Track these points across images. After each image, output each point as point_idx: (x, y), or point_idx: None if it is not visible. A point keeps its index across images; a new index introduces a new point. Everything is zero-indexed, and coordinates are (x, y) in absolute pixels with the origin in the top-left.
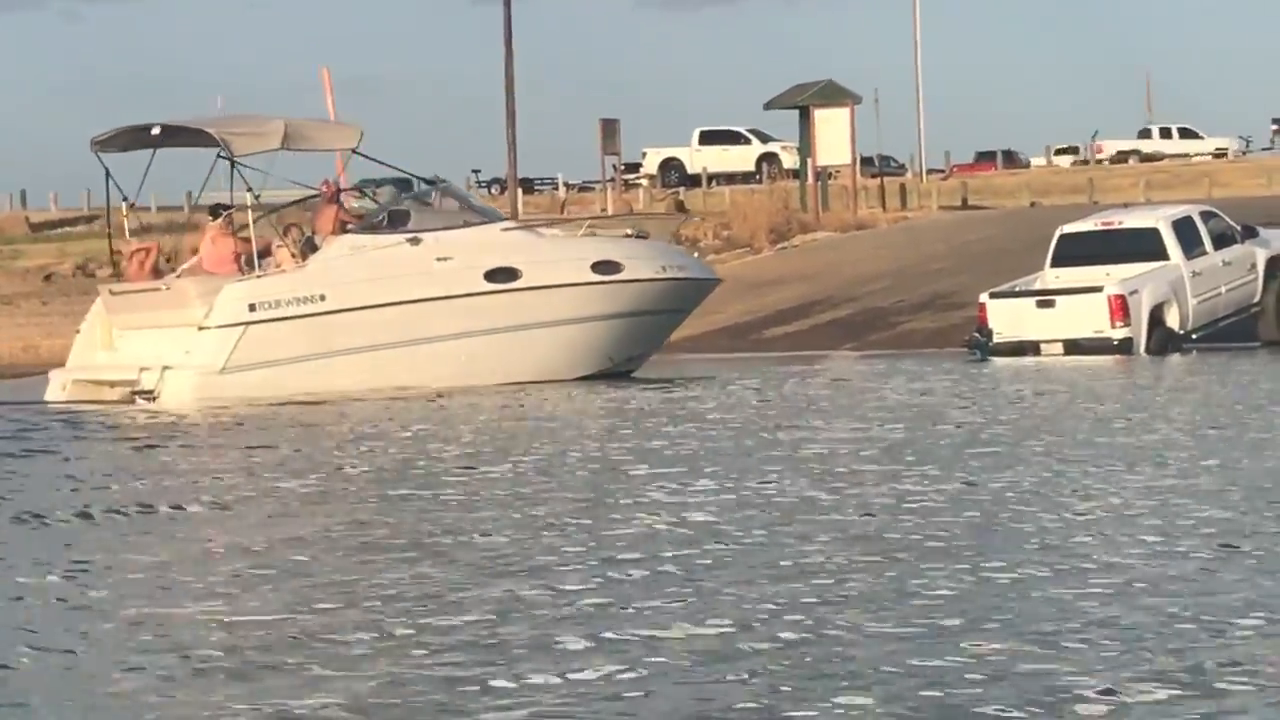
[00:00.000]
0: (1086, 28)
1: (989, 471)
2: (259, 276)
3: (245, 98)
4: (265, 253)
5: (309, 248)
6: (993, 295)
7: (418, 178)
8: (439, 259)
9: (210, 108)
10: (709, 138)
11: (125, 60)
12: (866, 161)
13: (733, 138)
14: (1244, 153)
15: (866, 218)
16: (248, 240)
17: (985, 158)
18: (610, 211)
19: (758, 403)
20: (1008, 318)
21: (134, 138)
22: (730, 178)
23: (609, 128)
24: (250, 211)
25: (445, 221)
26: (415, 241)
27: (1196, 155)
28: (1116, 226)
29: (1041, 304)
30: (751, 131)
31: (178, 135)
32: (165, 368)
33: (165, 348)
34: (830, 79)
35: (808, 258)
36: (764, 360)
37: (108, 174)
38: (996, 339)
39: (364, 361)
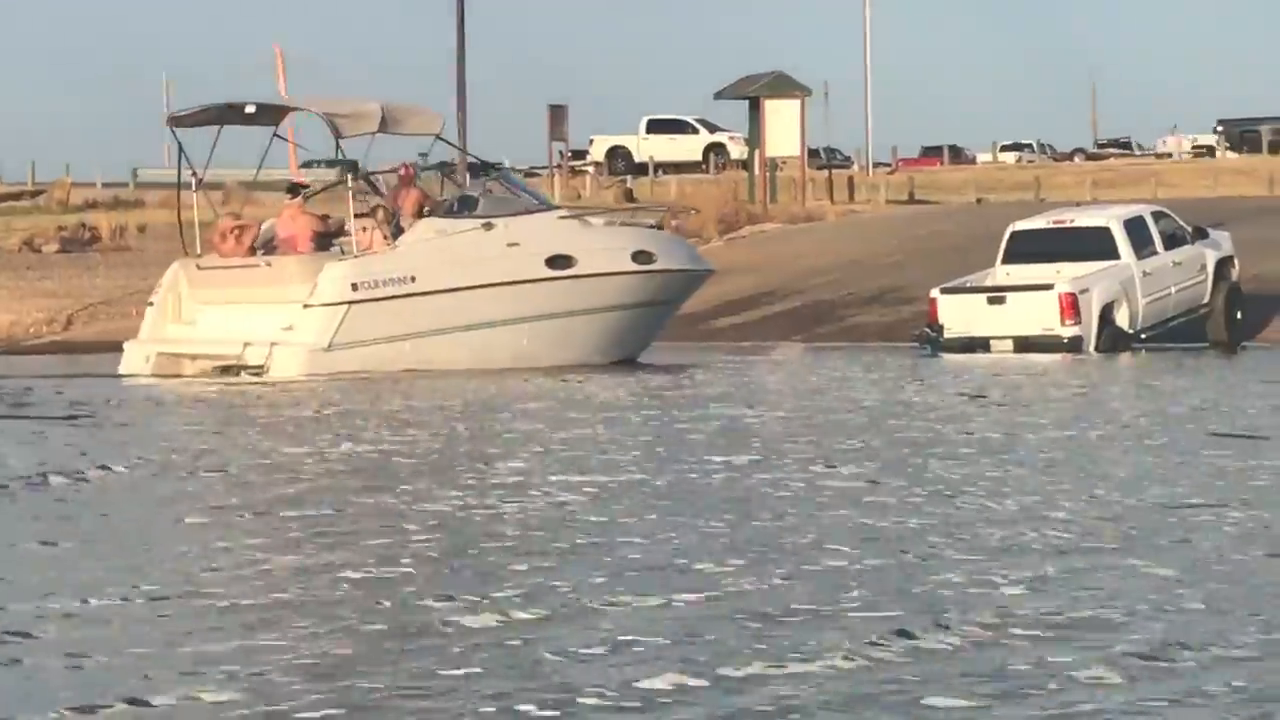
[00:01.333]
0: (1034, 26)
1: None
2: (356, 256)
3: (193, 76)
4: (340, 232)
5: (395, 229)
6: (944, 291)
7: (485, 164)
8: (509, 244)
9: (157, 85)
10: (656, 126)
11: (69, 34)
12: (813, 154)
13: (680, 127)
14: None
15: (815, 210)
16: (323, 218)
17: (931, 153)
18: (555, 199)
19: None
20: (958, 313)
21: (220, 114)
22: (677, 167)
23: (557, 114)
24: (352, 188)
25: (509, 208)
26: (489, 227)
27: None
28: (1068, 225)
29: (992, 300)
30: (699, 121)
31: (269, 114)
32: (273, 344)
33: (261, 324)
34: (780, 71)
35: (756, 249)
36: (728, 349)
37: (181, 149)
38: (947, 335)
39: (444, 343)
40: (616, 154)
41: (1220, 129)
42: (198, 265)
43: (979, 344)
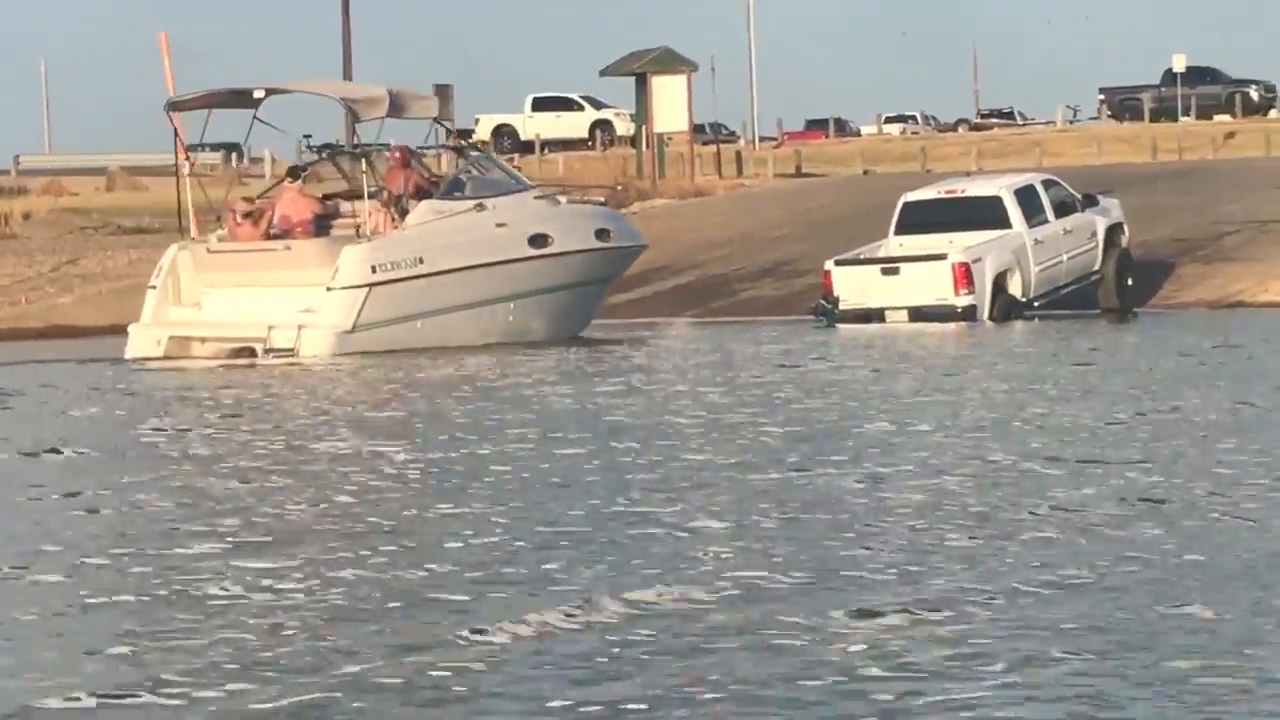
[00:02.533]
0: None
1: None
2: (368, 239)
3: (73, 63)
4: (335, 214)
5: (400, 212)
6: (838, 262)
7: (466, 145)
8: (498, 225)
9: (35, 70)
10: (542, 104)
11: None
12: (698, 129)
13: (565, 104)
14: (1072, 122)
15: (704, 185)
16: (322, 200)
17: (816, 126)
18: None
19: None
20: (853, 285)
21: (224, 99)
22: (563, 144)
23: (442, 93)
24: (364, 168)
25: (493, 189)
26: (481, 208)
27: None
28: (959, 194)
29: (886, 271)
30: (584, 98)
31: (282, 98)
32: (300, 326)
33: (277, 306)
34: (667, 46)
35: (647, 225)
36: (625, 325)
37: (176, 135)
38: (842, 306)
39: (448, 321)
40: (502, 133)
41: (1102, 97)
42: (208, 249)
43: (874, 315)
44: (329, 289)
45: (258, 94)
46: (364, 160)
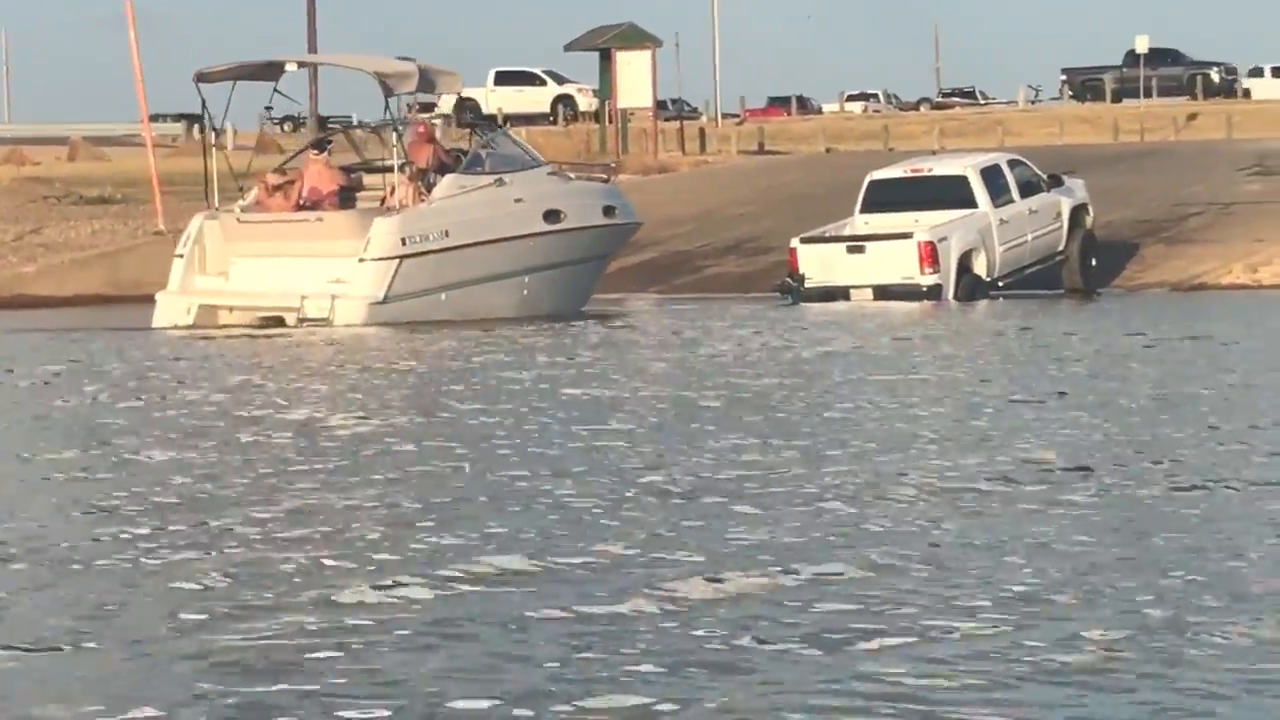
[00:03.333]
0: None
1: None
2: (397, 211)
3: (34, 31)
4: (358, 186)
5: (426, 185)
6: (803, 240)
7: (479, 120)
8: (516, 200)
9: None
10: (504, 78)
11: None
12: (661, 105)
13: (528, 79)
14: (1034, 102)
15: (667, 161)
16: (347, 172)
17: (778, 103)
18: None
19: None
20: (818, 263)
21: (256, 71)
22: (526, 119)
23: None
24: (395, 140)
25: (509, 165)
26: (500, 184)
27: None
28: (925, 173)
29: (852, 249)
30: (547, 73)
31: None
32: (334, 297)
33: (308, 277)
34: (631, 22)
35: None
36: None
37: (204, 105)
38: (807, 284)
39: (470, 293)
40: (464, 106)
41: (1064, 78)
42: (238, 218)
43: (839, 293)
44: (361, 260)
45: (289, 67)
46: (394, 133)
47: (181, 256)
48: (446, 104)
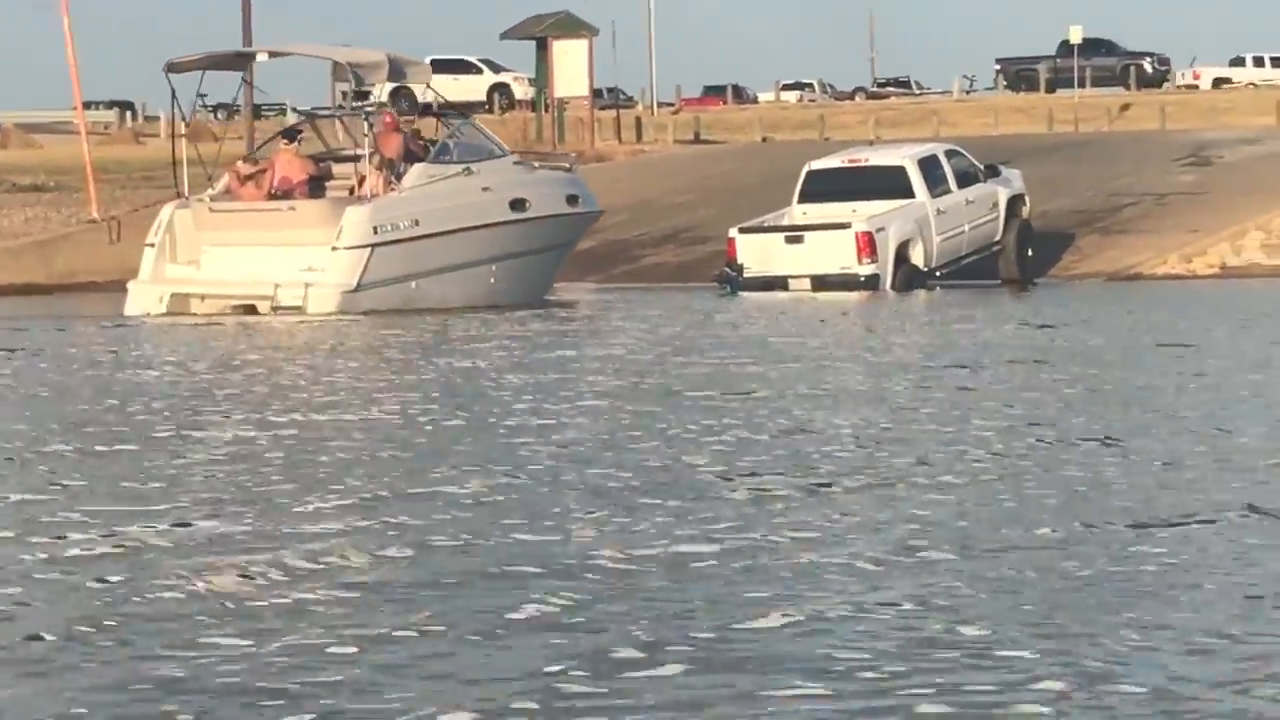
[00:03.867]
0: None
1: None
2: (368, 200)
3: None
4: (327, 175)
5: (394, 175)
6: (742, 230)
7: (451, 111)
8: (483, 189)
9: None
10: (440, 67)
11: None
12: (596, 94)
13: (464, 67)
14: (968, 92)
15: (604, 150)
16: (316, 161)
17: (713, 92)
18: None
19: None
20: (757, 253)
21: (227, 61)
22: (461, 107)
23: None
24: (368, 130)
25: (476, 154)
26: (468, 173)
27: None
28: (863, 164)
29: (790, 239)
30: (483, 61)
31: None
32: (308, 285)
33: (279, 265)
34: (568, 10)
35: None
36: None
37: (174, 95)
38: (746, 274)
39: (439, 282)
40: (400, 95)
41: (999, 68)
42: (209, 207)
43: (777, 283)
44: (334, 248)
45: (261, 57)
46: (364, 123)
47: (153, 245)
48: (383, 93)
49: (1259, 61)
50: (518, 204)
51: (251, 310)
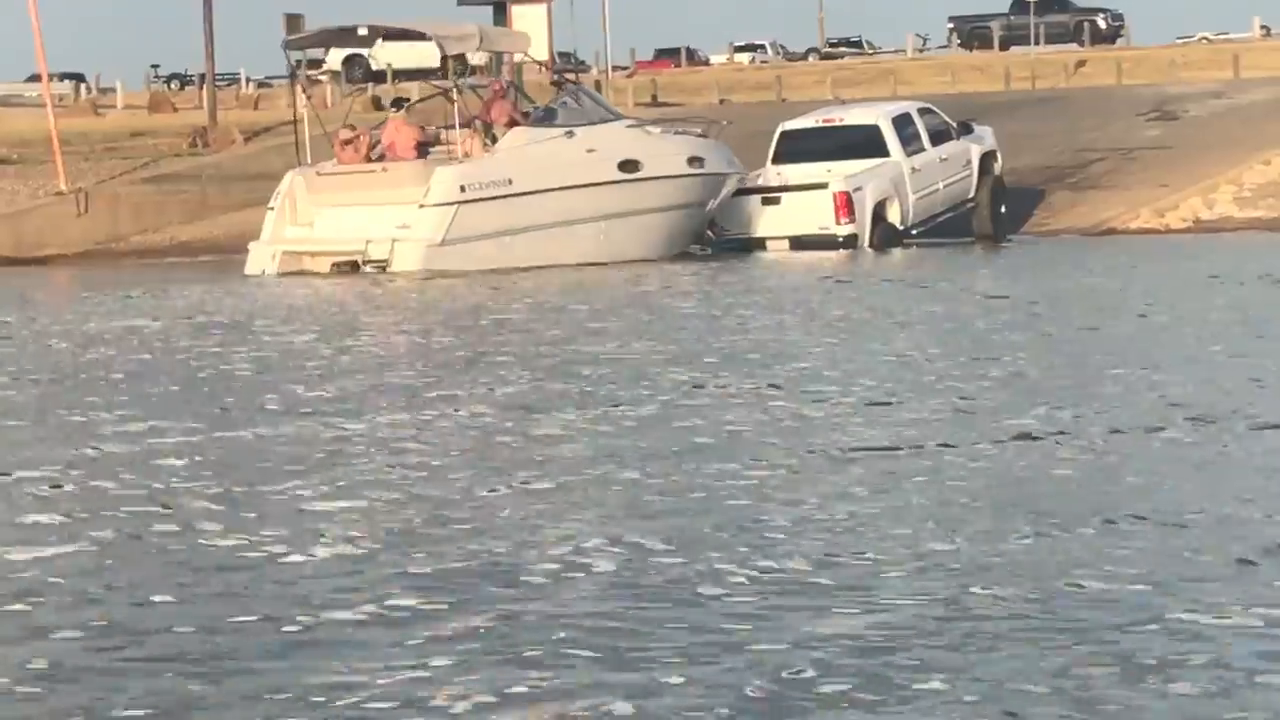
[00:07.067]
0: None
1: None
2: (460, 161)
3: None
4: (436, 141)
5: (491, 138)
6: None
7: (565, 76)
8: (588, 150)
9: None
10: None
11: None
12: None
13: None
14: (921, 50)
15: None
16: (423, 129)
17: (666, 55)
18: (297, 107)
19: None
20: (736, 215)
21: (333, 37)
22: (416, 74)
23: (293, 23)
24: (457, 97)
25: (585, 118)
26: (570, 135)
27: None
28: (837, 123)
29: (767, 201)
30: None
31: (377, 35)
32: (394, 240)
33: (378, 223)
34: None
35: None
36: None
37: (293, 71)
38: (724, 235)
39: (539, 238)
40: (354, 62)
41: (951, 25)
42: (318, 172)
43: (755, 244)
44: (421, 206)
45: (362, 31)
46: (455, 91)
47: (272, 209)
48: (335, 60)
49: None
50: (628, 165)
51: (354, 267)
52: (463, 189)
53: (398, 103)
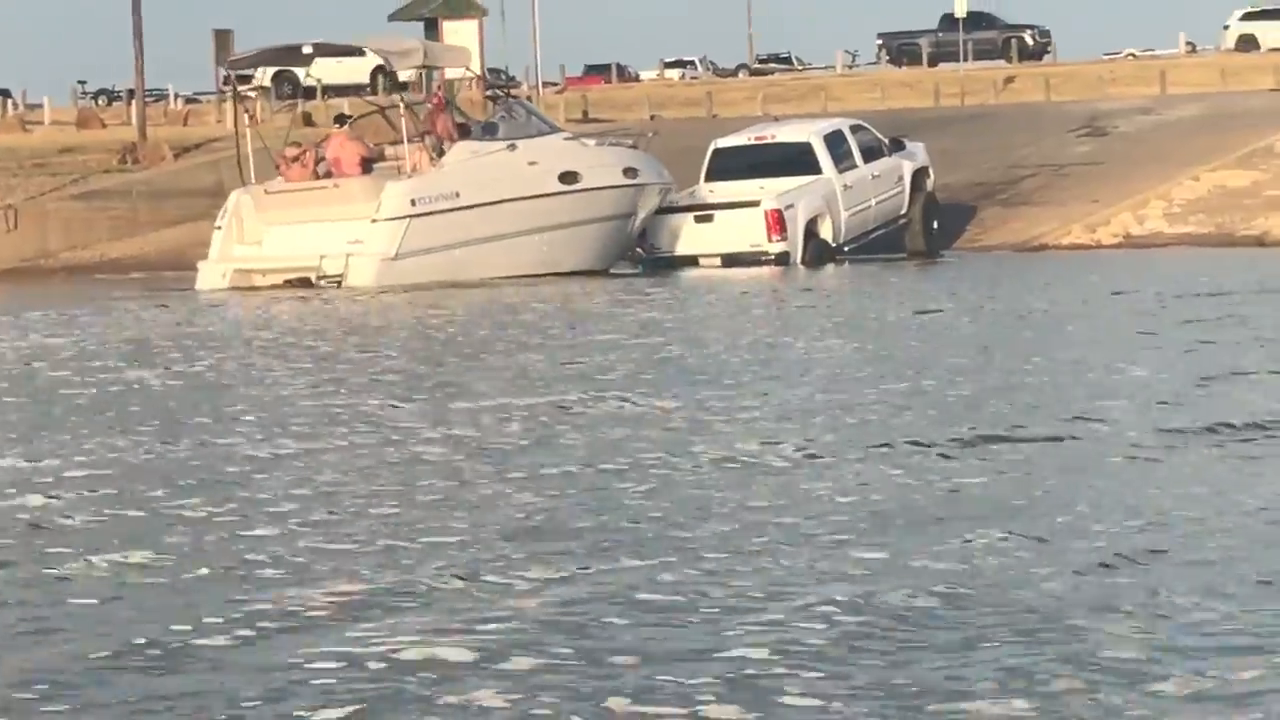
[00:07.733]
0: None
1: None
2: (409, 175)
3: None
4: (380, 157)
5: (439, 152)
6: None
7: (501, 90)
8: (529, 163)
9: None
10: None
11: None
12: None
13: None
14: (851, 67)
15: None
16: (369, 145)
17: (596, 71)
18: (228, 124)
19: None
20: (667, 232)
21: (277, 56)
22: (345, 90)
23: (222, 39)
24: (404, 112)
25: (525, 131)
26: (513, 148)
27: None
28: (769, 140)
29: (700, 219)
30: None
31: (324, 53)
32: (349, 255)
33: (329, 239)
34: None
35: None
36: None
37: (235, 90)
38: (657, 253)
39: (486, 251)
40: (283, 78)
41: (880, 42)
42: (266, 190)
43: (688, 262)
44: (373, 221)
45: (306, 50)
46: (401, 107)
47: (219, 228)
48: (265, 76)
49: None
50: (568, 176)
51: (306, 283)
52: (413, 203)
53: (340, 119)
